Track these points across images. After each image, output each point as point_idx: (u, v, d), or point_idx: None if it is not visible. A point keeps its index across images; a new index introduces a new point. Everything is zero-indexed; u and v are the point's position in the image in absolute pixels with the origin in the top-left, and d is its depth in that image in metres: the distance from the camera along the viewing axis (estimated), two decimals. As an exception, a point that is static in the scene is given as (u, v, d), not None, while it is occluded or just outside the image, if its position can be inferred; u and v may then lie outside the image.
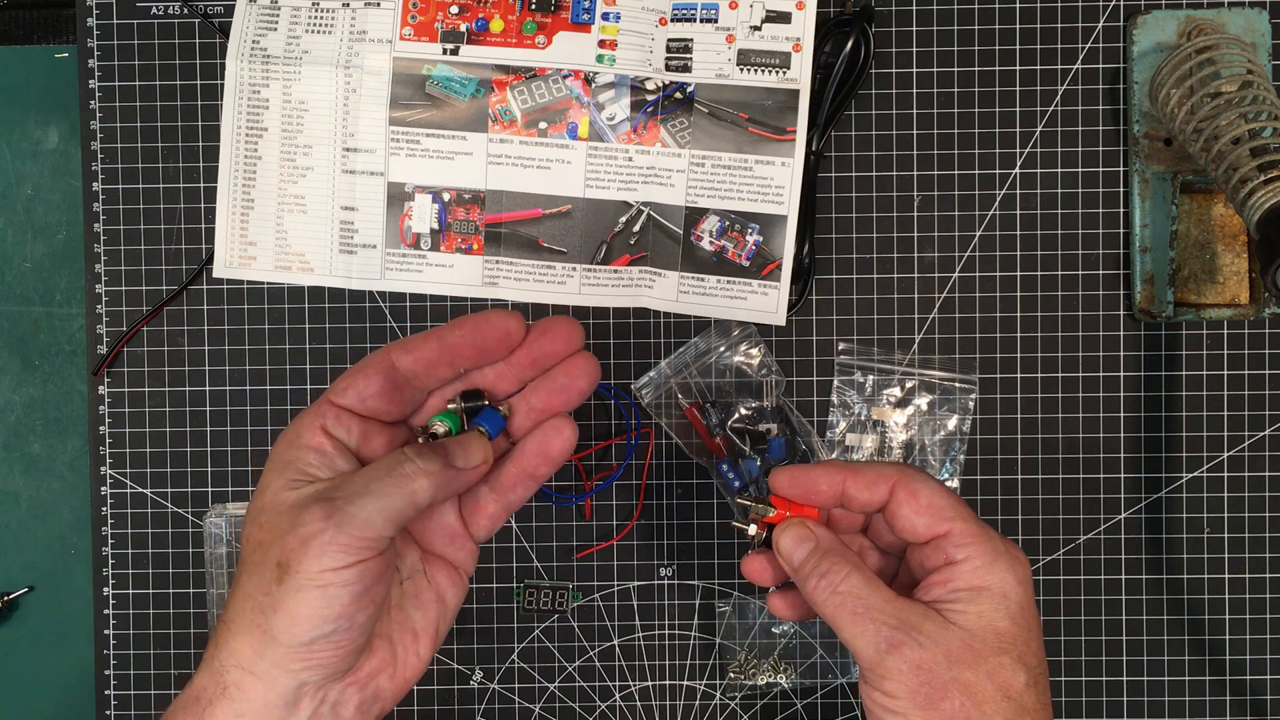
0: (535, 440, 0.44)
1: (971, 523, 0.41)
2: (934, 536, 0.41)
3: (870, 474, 0.42)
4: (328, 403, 0.42)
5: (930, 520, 0.41)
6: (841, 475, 0.42)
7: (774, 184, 0.55)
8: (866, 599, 0.40)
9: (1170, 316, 0.54)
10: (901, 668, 0.39)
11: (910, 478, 0.42)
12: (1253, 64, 0.50)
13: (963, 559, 0.40)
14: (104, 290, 0.58)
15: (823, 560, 0.42)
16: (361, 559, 0.38)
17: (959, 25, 0.57)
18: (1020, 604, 0.40)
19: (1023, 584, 0.40)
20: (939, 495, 0.41)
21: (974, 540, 0.40)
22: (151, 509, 0.58)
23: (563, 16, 0.56)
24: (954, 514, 0.41)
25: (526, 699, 0.58)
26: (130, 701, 0.58)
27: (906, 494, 0.41)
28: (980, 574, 0.40)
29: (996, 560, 0.40)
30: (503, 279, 0.57)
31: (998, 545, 0.40)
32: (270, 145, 0.57)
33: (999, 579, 0.40)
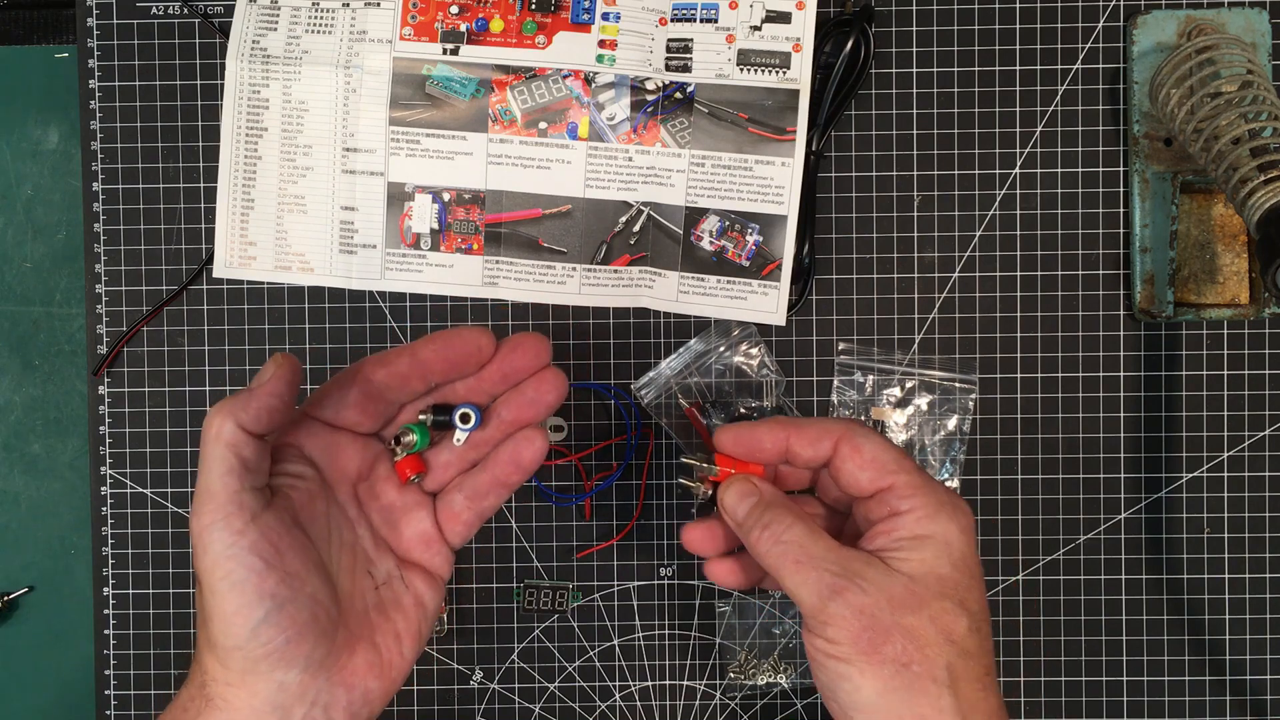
0: (508, 449, 0.45)
1: (915, 474, 0.41)
2: (878, 489, 0.41)
3: (814, 429, 0.43)
4: (303, 415, 0.43)
5: (874, 474, 0.41)
6: (785, 431, 0.43)
7: (774, 184, 0.55)
8: (809, 547, 0.41)
9: (1170, 316, 0.54)
10: (844, 613, 0.39)
11: (854, 432, 0.42)
12: (1253, 64, 0.50)
13: (906, 509, 0.41)
14: (104, 290, 0.58)
15: (766, 512, 0.42)
16: (240, 531, 0.38)
17: (959, 25, 0.57)
18: (962, 552, 0.40)
19: (965, 533, 0.41)
20: (883, 449, 0.42)
21: (917, 491, 0.41)
22: (151, 509, 0.58)
23: (563, 16, 0.56)
24: (897, 467, 0.41)
25: (526, 699, 0.58)
26: (130, 701, 0.58)
27: (850, 448, 0.42)
28: (923, 523, 0.40)
29: (940, 510, 0.41)
30: (503, 279, 0.57)
31: (941, 496, 0.41)
32: (270, 145, 0.57)
33: (942, 528, 0.40)
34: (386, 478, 0.45)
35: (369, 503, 0.45)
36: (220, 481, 0.38)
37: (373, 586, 0.44)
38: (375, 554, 0.44)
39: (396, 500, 0.45)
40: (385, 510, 0.45)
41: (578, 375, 0.57)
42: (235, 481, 0.38)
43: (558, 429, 0.57)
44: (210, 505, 0.38)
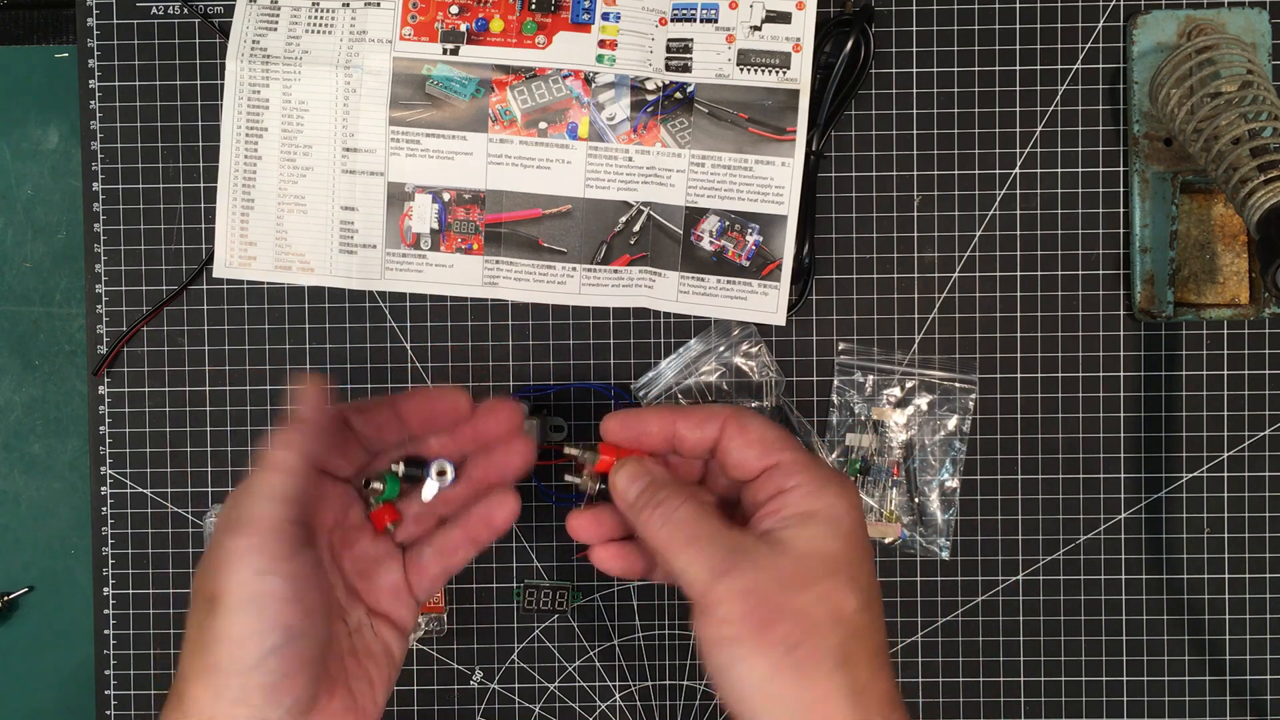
0: (481, 508, 0.45)
1: (800, 452, 0.41)
2: (764, 469, 0.41)
3: (700, 413, 0.43)
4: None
5: (760, 452, 0.41)
6: (672, 416, 0.43)
7: (774, 184, 0.55)
8: (698, 526, 0.40)
9: (1170, 316, 0.54)
10: (733, 592, 0.38)
11: (739, 414, 0.42)
12: (1253, 64, 0.50)
13: (792, 486, 0.40)
14: (104, 290, 0.58)
15: (658, 491, 0.42)
16: (278, 558, 0.38)
17: (959, 25, 0.57)
18: (850, 528, 0.40)
19: (852, 509, 0.40)
20: (768, 429, 0.42)
21: (803, 469, 0.41)
22: (151, 509, 0.58)
23: (563, 16, 0.56)
24: (782, 445, 0.41)
25: (526, 699, 0.58)
26: (130, 701, 0.58)
27: (736, 428, 0.42)
28: (809, 500, 0.40)
29: (826, 486, 0.40)
30: (503, 279, 0.57)
31: (826, 473, 0.41)
32: (270, 145, 0.57)
33: (828, 504, 0.40)
34: (359, 526, 0.45)
35: (342, 550, 0.45)
36: (270, 507, 0.39)
37: (346, 633, 0.44)
38: (347, 601, 0.44)
39: (369, 549, 0.45)
40: (358, 559, 0.45)
41: (578, 375, 0.57)
42: (286, 511, 0.39)
43: (557, 429, 0.57)
44: (252, 528, 0.38)
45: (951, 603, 0.57)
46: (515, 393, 0.57)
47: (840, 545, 0.40)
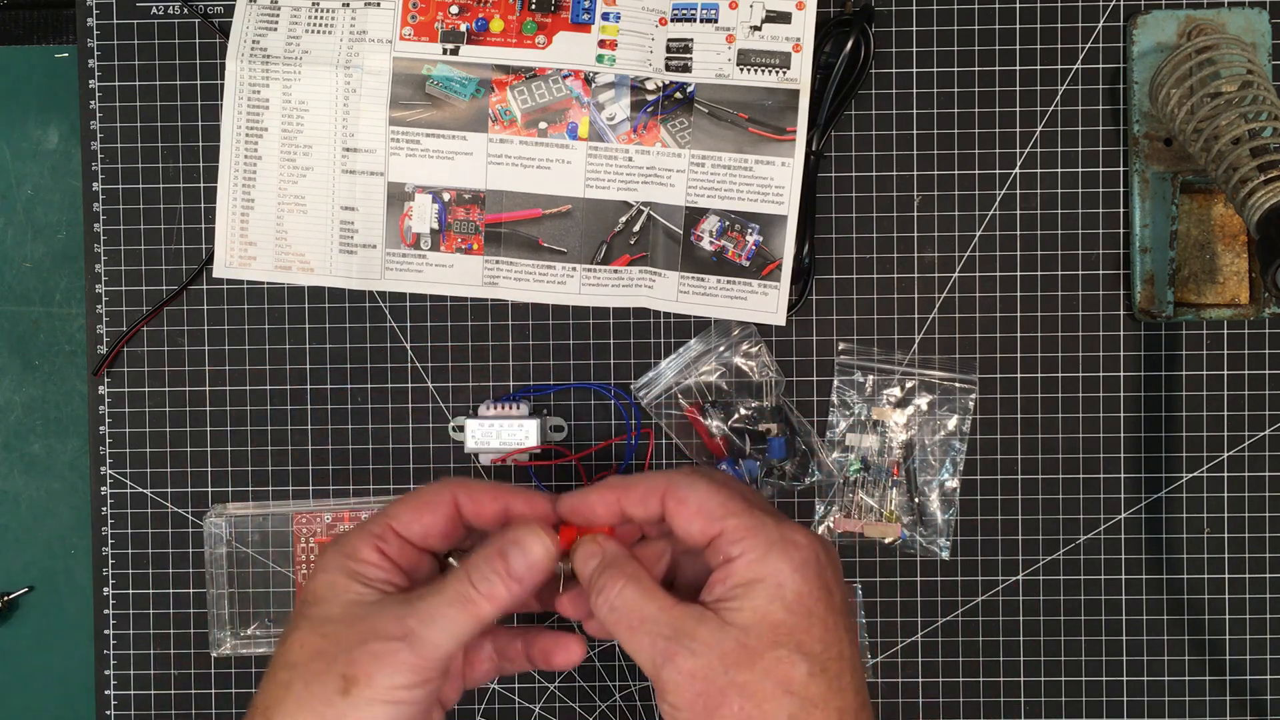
0: (549, 640, 0.45)
1: (744, 516, 0.40)
2: (710, 538, 0.40)
3: (640, 489, 0.42)
4: (389, 528, 0.42)
5: (703, 523, 0.40)
6: (615, 495, 0.42)
7: (774, 184, 0.55)
8: (640, 610, 0.39)
9: (1170, 316, 0.54)
10: (678, 679, 0.38)
11: (677, 485, 0.41)
12: (1253, 64, 0.50)
13: (737, 554, 0.39)
14: (104, 290, 0.58)
15: (602, 574, 0.41)
16: (429, 679, 0.39)
17: (959, 25, 0.57)
18: (796, 591, 0.39)
19: (799, 570, 0.39)
20: (708, 496, 0.40)
21: (747, 534, 0.39)
22: (151, 509, 0.58)
23: (563, 16, 0.56)
24: (724, 512, 0.40)
25: (526, 699, 0.58)
26: (130, 701, 0.58)
27: (675, 502, 0.41)
28: (754, 567, 0.39)
29: (770, 551, 0.39)
30: (503, 279, 0.57)
31: (771, 534, 0.39)
32: (270, 145, 0.57)
33: (772, 568, 0.39)
34: None
35: None
36: (451, 639, 0.39)
37: None
38: None
39: None
40: None
41: (578, 375, 0.57)
42: (458, 650, 0.40)
43: (557, 429, 0.57)
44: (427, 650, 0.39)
45: (951, 603, 0.57)
46: (515, 393, 0.57)
47: (784, 613, 0.38)
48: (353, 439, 0.58)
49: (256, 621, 0.57)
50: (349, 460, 0.58)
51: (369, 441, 0.58)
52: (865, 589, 0.57)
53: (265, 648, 0.57)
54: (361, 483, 0.58)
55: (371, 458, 0.58)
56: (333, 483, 0.58)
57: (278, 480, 0.58)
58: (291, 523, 0.57)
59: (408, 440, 0.58)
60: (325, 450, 0.58)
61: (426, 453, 0.58)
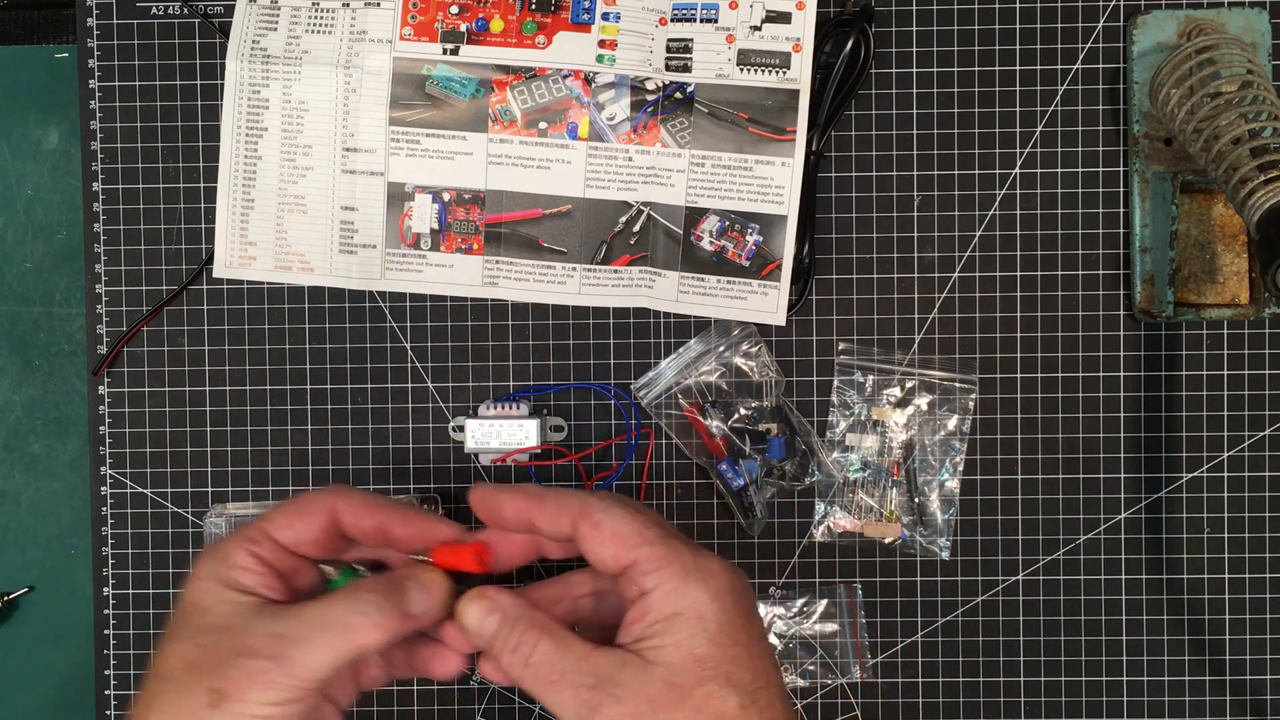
0: (428, 651, 0.43)
1: (658, 545, 0.38)
2: (623, 566, 0.38)
3: (552, 505, 0.40)
4: (264, 534, 0.41)
5: (616, 550, 0.38)
6: (528, 504, 0.40)
7: (774, 184, 0.55)
8: (559, 663, 0.38)
9: (1170, 316, 0.54)
10: None
11: (590, 508, 0.39)
12: (1253, 64, 0.50)
13: (653, 586, 0.38)
14: (104, 290, 0.58)
15: (511, 633, 0.39)
16: (302, 698, 0.38)
17: (959, 25, 0.57)
18: (718, 621, 0.37)
19: (717, 598, 0.37)
20: (622, 521, 0.39)
21: (661, 564, 0.38)
22: (151, 509, 0.58)
23: (563, 16, 0.56)
24: (639, 539, 0.38)
25: (527, 699, 0.58)
26: (130, 702, 0.58)
27: (588, 525, 0.39)
28: (672, 599, 0.37)
29: (686, 581, 0.37)
30: (503, 279, 0.57)
31: (687, 563, 0.38)
32: (270, 145, 0.57)
33: (691, 600, 0.37)
34: None
35: None
36: (326, 663, 0.38)
37: None
38: None
39: None
40: None
41: (578, 375, 0.57)
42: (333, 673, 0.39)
43: (557, 429, 0.57)
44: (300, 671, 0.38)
45: (951, 603, 0.57)
46: (515, 393, 0.57)
47: (709, 645, 0.37)
48: (353, 439, 0.58)
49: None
50: (349, 460, 0.58)
51: (369, 441, 0.58)
52: (865, 589, 0.57)
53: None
54: (361, 483, 0.58)
55: (371, 458, 0.58)
56: (333, 483, 0.58)
57: (278, 480, 0.58)
58: (291, 523, 0.57)
59: (408, 440, 0.58)
60: (325, 450, 0.58)
61: (426, 453, 0.58)
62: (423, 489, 0.58)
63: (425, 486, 0.58)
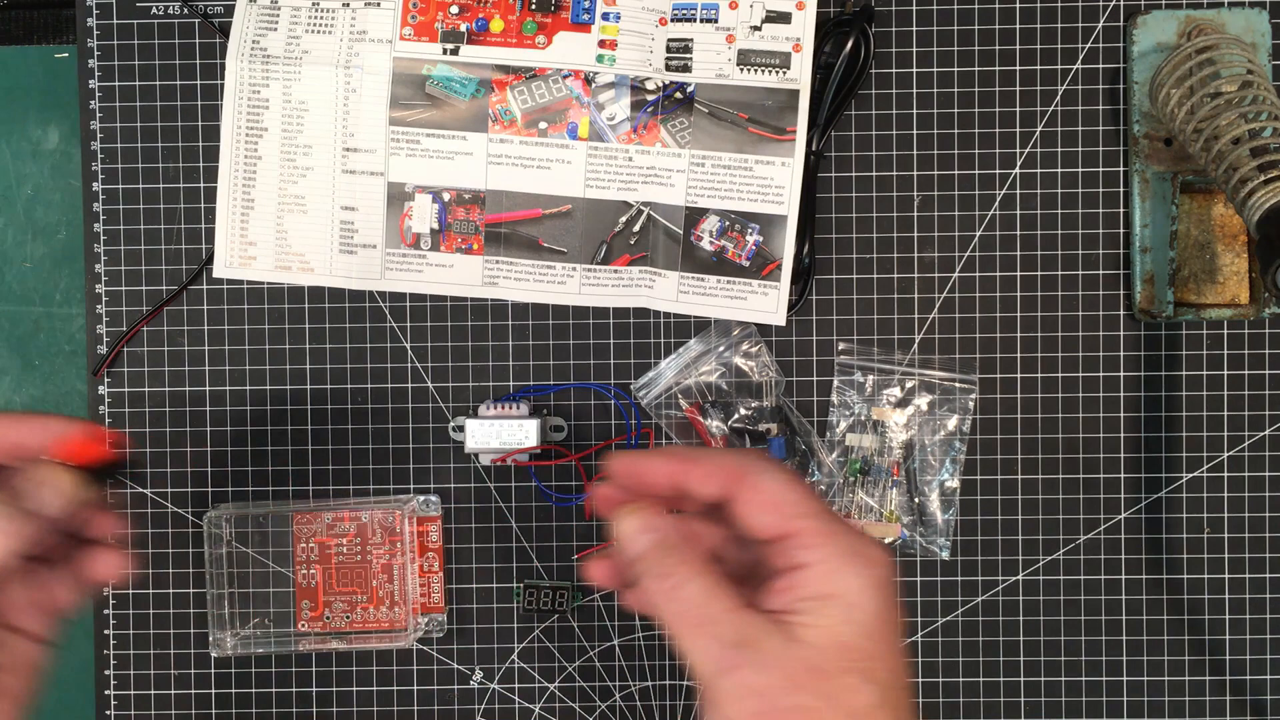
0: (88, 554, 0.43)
1: (821, 519, 0.36)
2: (780, 535, 0.37)
3: (709, 464, 0.38)
4: None
5: (775, 518, 0.36)
6: (679, 466, 0.38)
7: (774, 184, 0.55)
8: (705, 609, 0.36)
9: (1170, 316, 0.54)
10: (738, 691, 0.35)
11: (750, 469, 0.37)
12: (1253, 64, 0.50)
13: (810, 562, 0.36)
14: (104, 290, 0.58)
15: (665, 558, 0.37)
16: None
17: (959, 25, 0.57)
18: (872, 613, 0.36)
19: (875, 589, 0.36)
20: (786, 489, 0.37)
21: (823, 541, 0.36)
22: (151, 509, 0.58)
23: (563, 16, 0.56)
24: (801, 510, 0.36)
25: (526, 699, 0.58)
26: (130, 701, 0.58)
27: (747, 488, 0.37)
28: (827, 580, 0.36)
29: (847, 564, 0.36)
30: (503, 279, 0.57)
31: (850, 543, 0.36)
32: (270, 145, 0.57)
33: (848, 584, 0.35)
34: None
35: None
36: None
37: None
38: None
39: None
40: None
41: (578, 375, 0.57)
42: None
43: (557, 429, 0.57)
44: None
45: (951, 603, 0.57)
46: (515, 393, 0.57)
47: (856, 635, 0.35)
48: (353, 439, 0.58)
49: (256, 621, 0.57)
50: (349, 460, 0.58)
51: (369, 441, 0.58)
52: (865, 589, 0.57)
53: (265, 647, 0.57)
54: (361, 483, 0.58)
55: (371, 458, 0.58)
56: (333, 483, 0.58)
57: (278, 480, 0.58)
58: (291, 523, 0.57)
59: (408, 440, 0.58)
60: (325, 450, 0.58)
61: (426, 453, 0.58)
62: (423, 489, 0.58)
63: (425, 486, 0.58)
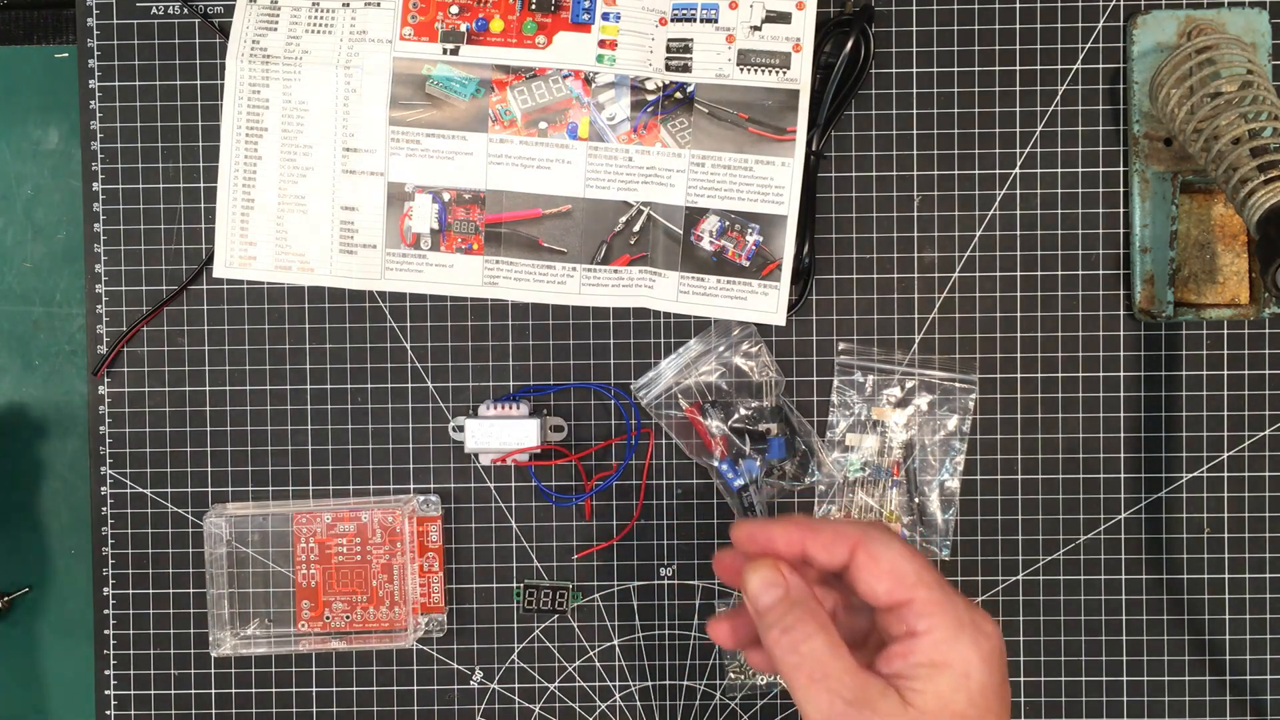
0: None
1: (935, 590, 0.38)
2: (896, 603, 0.39)
3: (829, 533, 0.40)
4: None
5: (891, 586, 0.39)
6: (801, 534, 0.41)
7: (774, 184, 0.55)
8: (826, 665, 0.38)
9: (1170, 316, 0.54)
10: None
11: (871, 539, 0.39)
12: (1253, 64, 0.50)
13: (924, 630, 0.38)
14: (104, 290, 0.58)
15: (789, 613, 0.39)
16: None
17: (959, 25, 0.57)
18: (982, 683, 0.38)
19: (987, 660, 0.38)
20: (902, 559, 0.39)
21: (937, 610, 0.38)
22: (151, 509, 0.58)
23: (563, 16, 0.56)
24: (916, 580, 0.38)
25: (526, 699, 0.58)
26: (130, 701, 0.58)
27: (867, 557, 0.39)
28: (941, 649, 0.38)
29: (960, 634, 0.38)
30: (503, 279, 0.57)
31: (962, 616, 0.38)
32: (270, 145, 0.57)
33: (961, 654, 0.37)
34: None
35: None
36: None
37: None
38: None
39: None
40: None
41: (578, 375, 0.57)
42: None
43: (557, 429, 0.57)
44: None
45: (951, 603, 0.57)
46: (515, 393, 0.57)
47: (967, 705, 0.37)
48: (353, 439, 0.58)
49: (256, 621, 0.57)
50: (349, 460, 0.58)
51: (369, 441, 0.58)
52: (865, 589, 0.57)
53: (265, 647, 0.57)
54: (361, 483, 0.58)
55: (371, 458, 0.58)
56: (333, 483, 0.58)
57: (278, 480, 0.58)
58: (291, 523, 0.57)
59: (408, 440, 0.58)
60: (325, 450, 0.58)
61: (426, 453, 0.58)
62: (423, 489, 0.58)
63: (425, 486, 0.58)
